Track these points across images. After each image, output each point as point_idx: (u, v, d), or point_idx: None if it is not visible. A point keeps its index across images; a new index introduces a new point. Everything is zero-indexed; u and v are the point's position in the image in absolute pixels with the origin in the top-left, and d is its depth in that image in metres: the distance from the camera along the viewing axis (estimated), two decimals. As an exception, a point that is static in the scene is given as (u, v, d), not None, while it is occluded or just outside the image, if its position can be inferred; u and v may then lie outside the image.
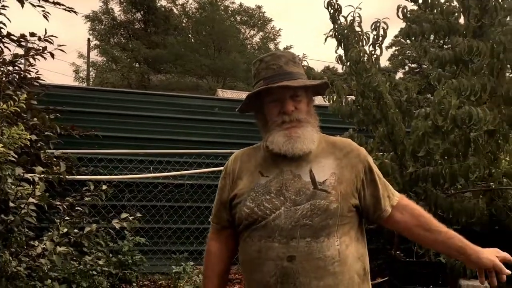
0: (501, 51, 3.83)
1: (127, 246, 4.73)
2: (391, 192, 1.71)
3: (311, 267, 1.51)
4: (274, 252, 1.53)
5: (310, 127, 1.64)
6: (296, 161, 1.62)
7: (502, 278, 1.64)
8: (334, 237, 1.54)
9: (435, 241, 1.70)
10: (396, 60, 34.08)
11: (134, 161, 5.45)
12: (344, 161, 1.64)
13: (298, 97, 1.64)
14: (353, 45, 4.42)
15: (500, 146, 4.17)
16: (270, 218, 1.56)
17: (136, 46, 27.77)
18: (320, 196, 1.56)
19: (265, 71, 1.67)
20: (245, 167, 1.71)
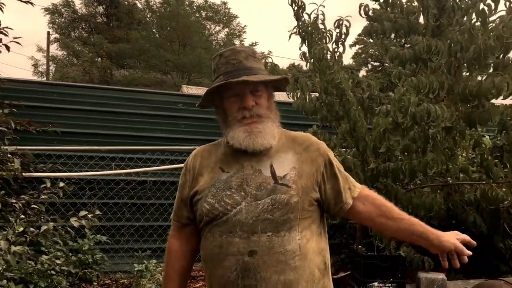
0: (458, 50, 3.95)
1: (87, 245, 4.62)
2: (352, 184, 1.73)
3: (272, 261, 1.51)
4: (235, 247, 1.53)
5: (270, 122, 1.63)
6: (257, 156, 1.62)
7: (464, 259, 1.71)
8: (295, 231, 1.55)
9: (397, 229, 1.72)
10: (359, 58, 34.64)
11: (95, 157, 5.33)
12: (304, 156, 1.65)
13: (258, 92, 1.63)
14: (317, 42, 4.47)
15: (457, 142, 4.31)
16: (231, 214, 1.55)
17: (98, 40, 27.14)
18: (280, 190, 1.56)
19: (225, 66, 1.65)
20: (206, 164, 1.70)
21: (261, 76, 1.63)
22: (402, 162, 3.99)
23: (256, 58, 1.70)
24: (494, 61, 4.14)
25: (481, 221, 4.57)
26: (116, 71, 28.48)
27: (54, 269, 4.09)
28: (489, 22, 3.97)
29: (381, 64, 31.64)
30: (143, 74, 27.24)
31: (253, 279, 1.51)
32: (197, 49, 28.38)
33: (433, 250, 1.72)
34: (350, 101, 4.16)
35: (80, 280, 4.50)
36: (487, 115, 4.06)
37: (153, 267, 4.52)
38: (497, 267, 5.00)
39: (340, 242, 5.55)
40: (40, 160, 4.97)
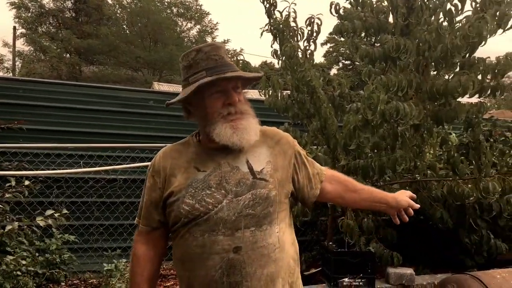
0: (426, 49, 4.02)
1: (55, 245, 4.52)
2: (318, 169, 1.84)
3: (256, 256, 1.53)
4: (220, 245, 1.53)
5: (252, 118, 1.65)
6: (232, 153, 1.62)
7: (411, 212, 1.91)
8: (275, 224, 1.59)
9: (362, 199, 1.87)
10: (330, 56, 34.98)
11: (62, 155, 5.20)
12: (277, 149, 1.69)
13: (239, 89, 1.65)
14: (288, 40, 4.48)
15: (424, 139, 4.39)
16: (213, 212, 1.55)
17: (66, 35, 26.52)
18: (259, 185, 1.58)
19: (206, 61, 1.62)
20: (177, 164, 1.66)
21: (250, 73, 1.68)
22: (371, 159, 4.05)
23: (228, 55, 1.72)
24: (460, 60, 4.25)
25: (448, 217, 4.69)
26: (85, 67, 27.92)
27: (20, 269, 3.98)
28: (456, 22, 4.07)
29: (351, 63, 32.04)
30: (113, 71, 26.80)
31: (238, 275, 1.52)
32: (169, 45, 28.09)
33: (392, 211, 1.90)
34: (321, 99, 4.19)
35: (48, 280, 4.39)
36: (453, 113, 4.16)
37: (123, 266, 4.45)
38: (463, 262, 5.13)
39: (311, 239, 5.60)
40: (5, 158, 4.83)
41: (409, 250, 5.01)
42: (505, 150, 4.53)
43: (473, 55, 4.21)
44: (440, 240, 5.12)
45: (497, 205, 4.55)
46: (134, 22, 29.40)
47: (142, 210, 1.74)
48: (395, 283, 4.59)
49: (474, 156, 4.51)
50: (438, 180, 4.69)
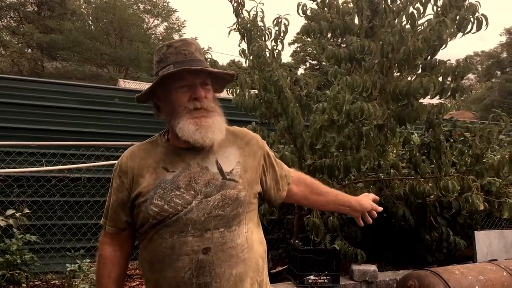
0: (389, 51, 4.12)
1: (15, 245, 4.39)
2: (286, 171, 1.87)
3: (225, 256, 1.53)
4: (189, 246, 1.51)
5: (218, 116, 1.62)
6: (201, 153, 1.61)
7: (374, 214, 1.96)
8: (243, 224, 1.59)
9: (327, 202, 1.92)
10: (298, 56, 35.26)
11: (24, 153, 5.05)
12: (247, 150, 1.69)
13: (207, 86, 1.63)
14: (256, 40, 4.50)
15: (388, 139, 4.50)
16: (182, 213, 1.52)
17: (28, 30, 25.71)
18: (229, 186, 1.58)
19: (175, 56, 1.61)
20: (145, 164, 1.62)
21: (218, 70, 1.65)
22: (337, 159, 4.12)
23: (202, 54, 1.70)
24: (422, 62, 4.38)
25: (410, 215, 4.82)
26: (47, 63, 27.16)
27: (-22, 271, 3.86)
28: (418, 25, 4.19)
29: (318, 63, 32.39)
30: (77, 67, 26.17)
31: (208, 276, 1.51)
32: (135, 42, 27.67)
33: (356, 213, 1.96)
34: (288, 98, 4.23)
35: (8, 282, 4.27)
36: (415, 113, 4.28)
37: (86, 266, 4.37)
38: (424, 258, 5.29)
39: (278, 237, 5.64)
40: (-38, 156, 4.66)
41: (372, 247, 5.13)
42: (464, 150, 4.69)
43: (434, 58, 4.35)
44: (402, 237, 5.26)
45: (456, 203, 4.71)
46: (99, 18, 28.81)
47: (108, 211, 1.70)
48: (359, 280, 4.68)
49: (434, 156, 4.66)
50: (401, 179, 4.81)
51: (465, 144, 5.19)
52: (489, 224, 6.54)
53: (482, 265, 4.11)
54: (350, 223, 5.10)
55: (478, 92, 36.08)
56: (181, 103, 1.58)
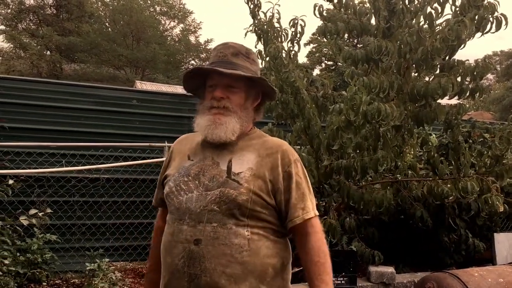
0: (407, 51, 4.10)
1: (36, 244, 4.47)
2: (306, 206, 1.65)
3: (217, 252, 1.53)
4: (183, 235, 1.57)
5: (235, 118, 1.65)
6: (220, 150, 1.66)
7: None
8: (244, 227, 1.56)
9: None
10: (313, 57, 35.14)
11: (44, 154, 5.14)
12: (266, 160, 1.64)
13: (234, 88, 1.67)
14: (272, 41, 4.51)
15: (405, 140, 4.47)
16: (183, 200, 1.61)
17: (47, 32, 26.09)
18: (231, 185, 1.58)
19: (213, 58, 1.73)
20: (181, 150, 1.78)
21: (237, 71, 1.65)
22: (354, 159, 4.11)
23: (250, 59, 1.74)
24: (440, 63, 4.34)
25: (428, 216, 4.78)
26: (66, 65, 27.53)
27: (1, 269, 3.93)
28: (436, 25, 4.15)
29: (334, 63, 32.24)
30: (95, 69, 26.46)
31: (198, 268, 1.53)
32: (151, 44, 27.88)
33: None
34: (305, 99, 4.23)
35: (29, 280, 4.34)
36: (433, 114, 4.25)
37: (105, 266, 4.42)
38: (442, 260, 5.23)
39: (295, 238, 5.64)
40: (-15, 157, 4.76)
41: (390, 249, 5.09)
42: (483, 151, 4.64)
43: (452, 58, 4.31)
44: (420, 239, 5.21)
45: (475, 205, 4.66)
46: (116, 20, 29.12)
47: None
48: (376, 281, 4.66)
49: (453, 157, 4.61)
50: (419, 180, 4.77)
51: (485, 145, 5.13)
52: (508, 226, 6.44)
53: (501, 267, 4.06)
54: (367, 224, 5.07)
55: (497, 93, 35.50)
56: (205, 101, 1.70)
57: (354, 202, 4.37)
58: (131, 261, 5.38)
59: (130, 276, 4.83)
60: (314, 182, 4.26)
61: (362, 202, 4.30)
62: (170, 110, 5.94)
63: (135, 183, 5.49)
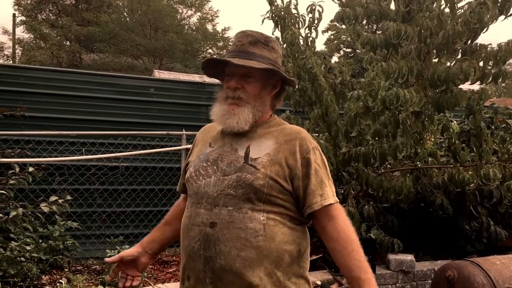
0: (427, 36, 4.01)
1: (58, 231, 4.55)
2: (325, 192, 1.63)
3: (232, 236, 1.54)
4: (200, 218, 1.60)
5: (249, 108, 1.66)
6: (240, 137, 1.68)
7: None
8: (259, 212, 1.57)
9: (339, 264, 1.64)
10: (331, 44, 34.76)
11: (64, 143, 5.21)
12: (284, 147, 1.64)
13: (250, 78, 1.67)
14: (289, 27, 4.46)
15: (425, 126, 4.40)
16: (202, 185, 1.64)
17: (66, 23, 26.31)
18: (247, 170, 1.59)
19: (232, 46, 1.74)
20: (204, 138, 1.83)
21: (251, 62, 1.65)
22: (373, 146, 4.06)
23: (268, 47, 1.72)
24: (462, 47, 4.23)
25: (448, 204, 4.71)
26: (85, 55, 27.77)
27: (24, 256, 4.02)
28: (457, 8, 4.04)
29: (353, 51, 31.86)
30: (114, 59, 26.60)
31: (213, 251, 1.55)
32: (169, 33, 27.89)
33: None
34: (322, 86, 4.18)
35: (51, 266, 4.44)
36: (455, 100, 4.16)
37: (125, 252, 4.48)
38: (463, 248, 5.17)
39: (312, 226, 5.64)
40: (7, 146, 4.84)
41: (409, 237, 5.05)
42: (506, 137, 4.54)
43: (474, 42, 4.20)
44: (440, 227, 5.15)
45: (497, 192, 4.57)
46: (134, 10, 29.18)
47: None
48: (395, 269, 4.63)
49: (475, 143, 4.52)
50: (439, 167, 4.71)
51: (507, 131, 5.02)
52: (532, 214, 6.31)
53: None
54: (386, 212, 5.03)
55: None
56: (222, 90, 1.73)
57: (373, 189, 4.33)
58: (150, 248, 5.44)
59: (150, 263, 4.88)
60: (332, 169, 4.23)
61: (381, 189, 4.26)
62: (188, 99, 5.96)
63: (153, 171, 5.54)
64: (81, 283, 3.86)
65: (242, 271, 1.53)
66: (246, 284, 1.53)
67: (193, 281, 1.61)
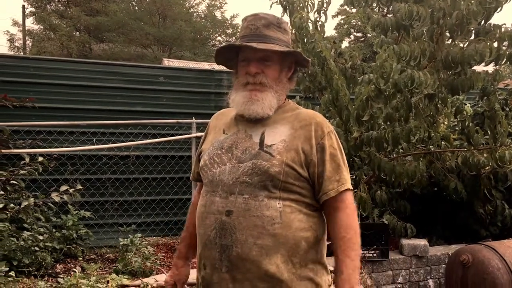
0: (440, 16, 3.91)
1: (71, 221, 4.58)
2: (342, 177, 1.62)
3: (248, 224, 1.53)
4: (215, 206, 1.58)
5: (272, 93, 1.64)
6: (254, 123, 1.66)
7: None
8: (276, 199, 1.55)
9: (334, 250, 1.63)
10: (342, 29, 34.38)
11: (75, 133, 5.23)
12: (299, 132, 1.62)
13: (268, 62, 1.64)
14: (298, 12, 4.39)
15: (439, 109, 4.32)
16: (217, 173, 1.62)
17: (75, 13, 26.33)
18: (263, 157, 1.57)
19: (244, 30, 1.69)
20: (216, 124, 1.80)
21: (269, 45, 1.62)
22: (385, 130, 4.00)
23: (281, 29, 1.70)
24: (476, 28, 4.13)
25: (462, 188, 4.65)
26: (95, 45, 27.82)
27: (38, 245, 4.06)
28: (471, -13, 3.94)
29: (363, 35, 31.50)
30: (123, 48, 26.63)
31: (229, 239, 1.54)
32: (178, 21, 27.80)
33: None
34: (332, 70, 4.12)
35: (65, 255, 4.48)
36: (469, 82, 4.07)
37: (138, 241, 4.51)
38: (477, 232, 5.11)
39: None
40: (18, 137, 4.86)
41: (423, 221, 5.01)
42: (522, 119, 4.45)
43: (488, 22, 4.10)
44: (454, 211, 5.10)
45: (512, 175, 4.50)
46: (142, -2, 29.13)
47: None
48: (408, 254, 4.60)
49: (489, 126, 4.44)
50: (453, 151, 4.64)
51: (522, 112, 4.91)
52: (548, 196, 6.21)
53: (541, 239, 3.93)
54: (399, 197, 4.99)
55: (536, 59, 34.02)
56: (239, 76, 1.69)
57: (385, 174, 4.28)
58: (163, 236, 5.48)
59: (162, 251, 4.91)
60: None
61: (393, 174, 4.21)
62: (197, 87, 5.92)
63: (164, 159, 5.54)
64: (95, 271, 3.89)
65: (259, 259, 1.52)
66: (263, 272, 1.52)
67: (209, 269, 1.60)
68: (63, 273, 4.09)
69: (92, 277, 3.60)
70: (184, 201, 5.53)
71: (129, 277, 3.91)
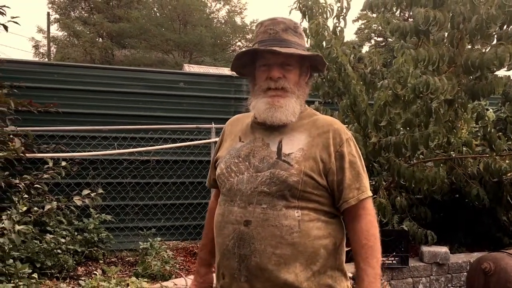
0: (460, 21, 3.87)
1: (92, 224, 4.67)
2: (362, 185, 1.61)
3: (267, 234, 1.51)
4: (233, 216, 1.57)
5: (294, 98, 1.62)
6: (271, 131, 1.64)
7: None
8: (294, 208, 1.54)
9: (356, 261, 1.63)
10: (362, 33, 34.18)
11: (97, 137, 5.32)
12: (317, 140, 1.60)
13: (289, 66, 1.63)
14: (317, 17, 4.40)
15: (458, 115, 4.27)
16: (235, 182, 1.60)
17: (98, 19, 26.82)
18: (281, 166, 1.56)
19: (262, 35, 1.66)
20: (232, 131, 1.77)
21: (291, 49, 1.60)
22: (403, 136, 3.96)
23: (297, 33, 1.69)
24: (497, 32, 4.07)
25: (484, 194, 4.58)
26: (117, 51, 28.25)
27: (60, 248, 4.14)
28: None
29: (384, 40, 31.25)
30: (145, 54, 26.98)
31: (247, 249, 1.53)
32: (198, 27, 28.06)
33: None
34: (350, 75, 4.11)
35: (87, 258, 4.56)
36: (490, 87, 4.01)
37: (158, 245, 4.56)
38: (500, 240, 5.02)
39: (344, 218, 5.58)
40: (43, 141, 4.98)
41: (444, 228, 4.94)
42: (545, 124, 4.36)
43: (511, 27, 4.03)
44: (476, 218, 5.02)
45: (536, 182, 4.41)
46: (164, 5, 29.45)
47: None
48: (429, 262, 4.54)
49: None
50: (474, 157, 4.57)
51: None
52: None
53: None
54: (419, 203, 4.93)
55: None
56: (259, 82, 1.65)
57: (405, 180, 4.24)
58: (182, 240, 5.52)
59: (181, 255, 4.96)
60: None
61: (413, 180, 4.17)
62: (217, 92, 5.98)
63: (183, 164, 5.60)
64: (115, 274, 3.95)
65: (278, 269, 1.51)
66: (282, 281, 1.51)
67: (228, 279, 1.59)
68: (84, 275, 4.17)
69: (112, 280, 3.66)
70: (203, 205, 5.57)
71: (148, 281, 3.96)
